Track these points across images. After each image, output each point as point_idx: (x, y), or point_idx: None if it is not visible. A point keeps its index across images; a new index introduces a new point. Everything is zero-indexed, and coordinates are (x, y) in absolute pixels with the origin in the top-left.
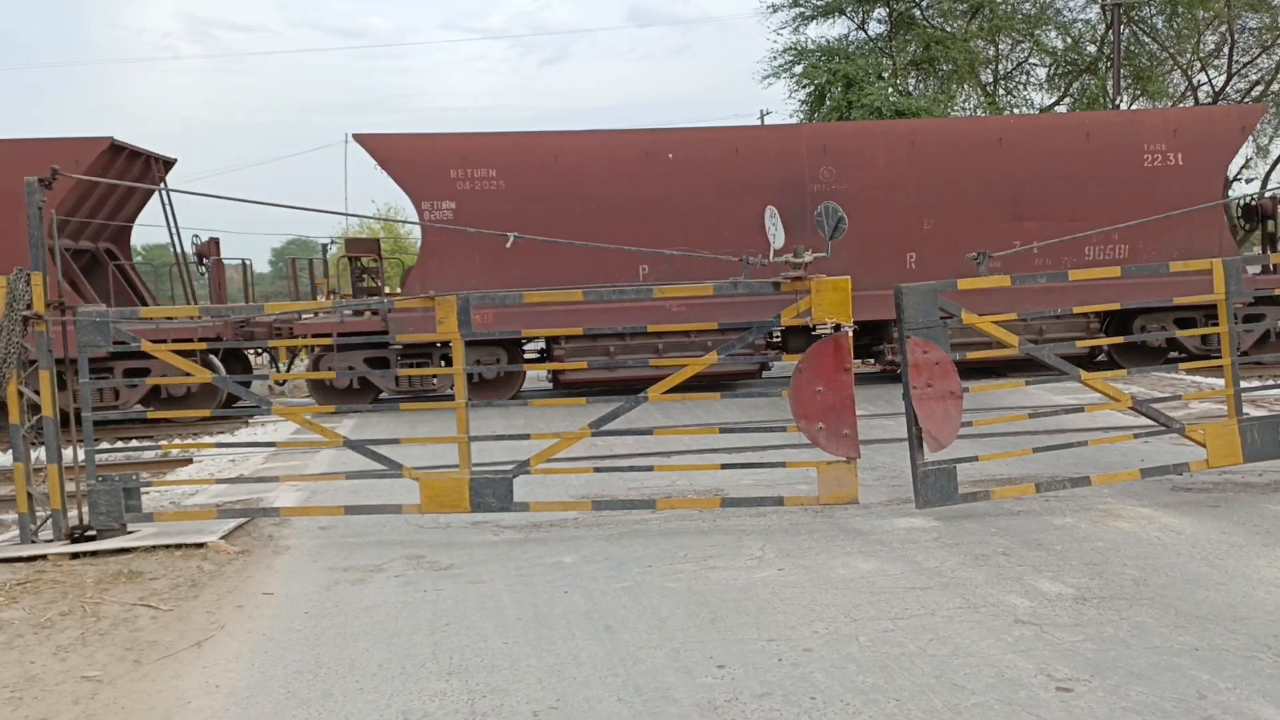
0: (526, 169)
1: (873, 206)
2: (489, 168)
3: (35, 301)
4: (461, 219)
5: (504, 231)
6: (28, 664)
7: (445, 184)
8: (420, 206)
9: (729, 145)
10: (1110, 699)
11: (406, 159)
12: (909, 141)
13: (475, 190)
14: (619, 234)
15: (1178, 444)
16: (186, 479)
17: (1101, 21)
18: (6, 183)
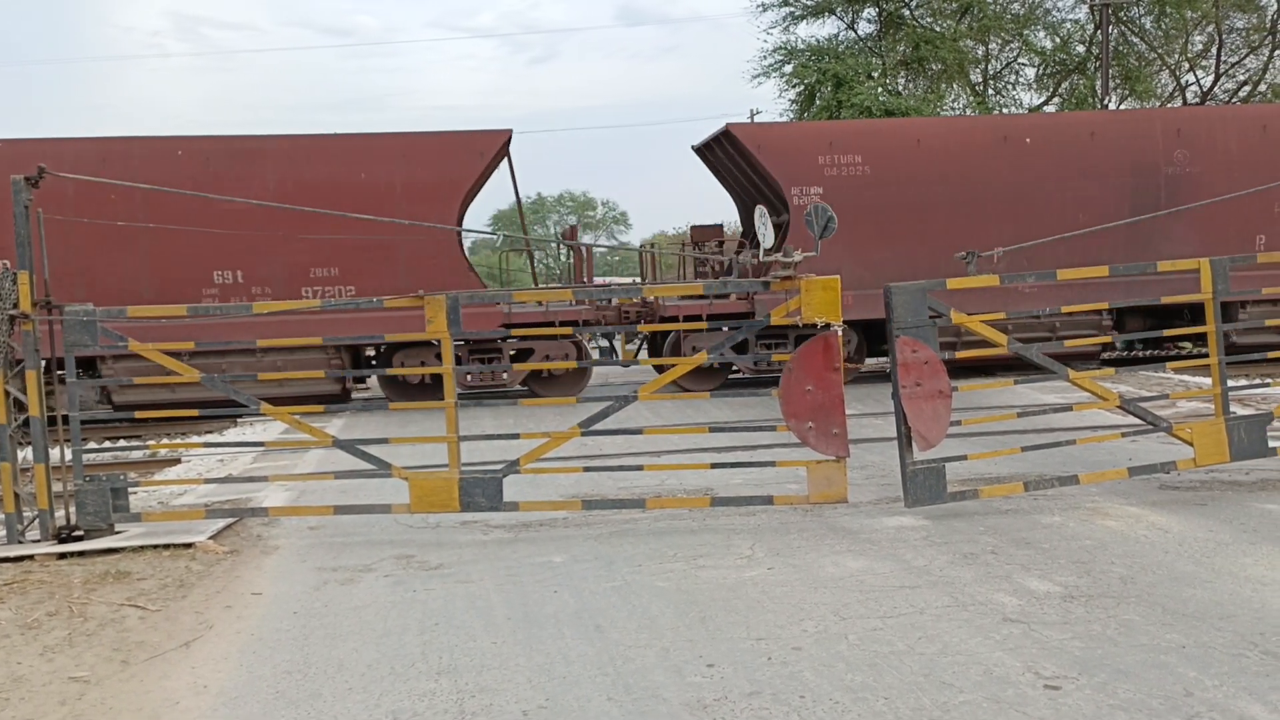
0: (890, 155)
1: (1226, 190)
2: (855, 154)
3: (22, 301)
4: (829, 203)
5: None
6: (14, 665)
7: (814, 170)
8: (790, 191)
9: (1085, 129)
10: (1098, 696)
11: (779, 147)
12: (1260, 126)
13: (842, 176)
14: (977, 217)
15: (1165, 443)
16: (175, 479)
17: (1090, 21)
18: (424, 173)
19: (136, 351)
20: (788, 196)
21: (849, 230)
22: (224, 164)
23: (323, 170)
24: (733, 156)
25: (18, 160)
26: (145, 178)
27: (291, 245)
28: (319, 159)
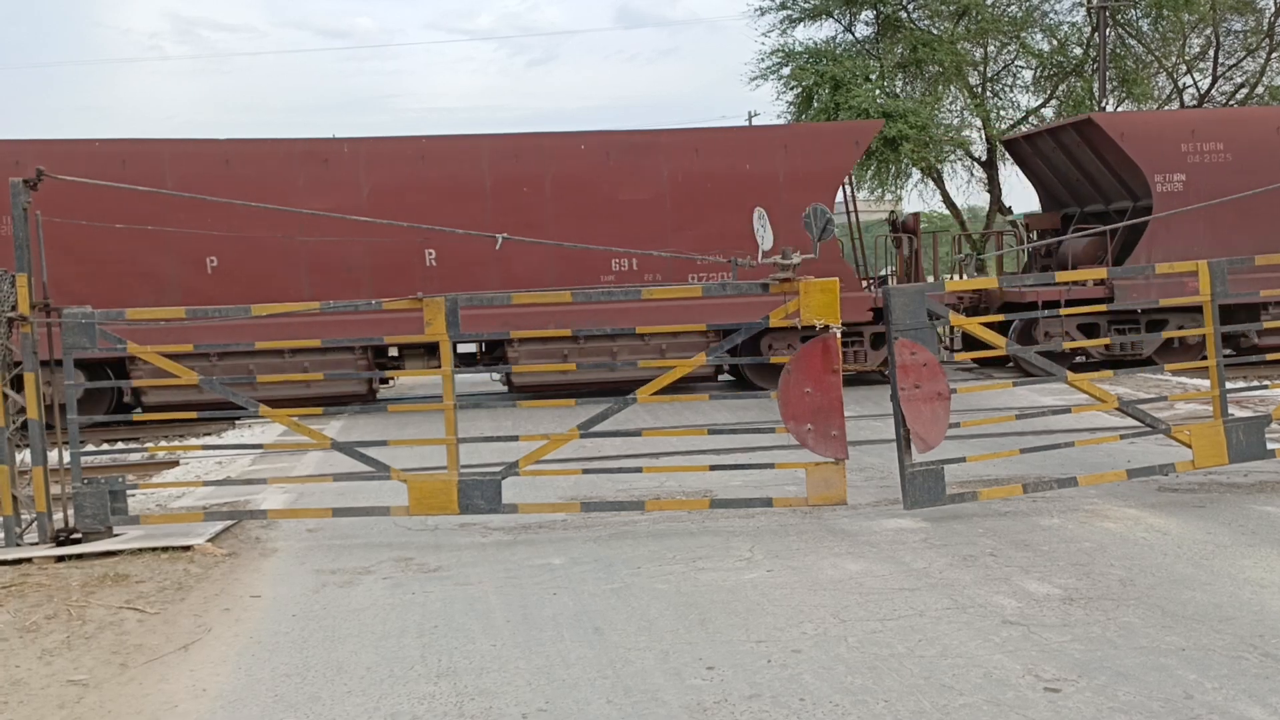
0: (1252, 143)
1: None
2: (1217, 141)
3: (20, 303)
4: (1191, 190)
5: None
6: (12, 668)
7: (1177, 157)
8: (1154, 179)
9: None
10: (1097, 699)
11: (1143, 134)
12: None
13: (1204, 163)
14: None
15: (1164, 445)
16: (173, 481)
17: (1087, 24)
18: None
19: (135, 354)
20: (1151, 183)
21: (1211, 216)
22: (623, 156)
23: (710, 162)
24: (1068, 147)
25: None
26: (557, 170)
27: (681, 234)
28: (707, 151)
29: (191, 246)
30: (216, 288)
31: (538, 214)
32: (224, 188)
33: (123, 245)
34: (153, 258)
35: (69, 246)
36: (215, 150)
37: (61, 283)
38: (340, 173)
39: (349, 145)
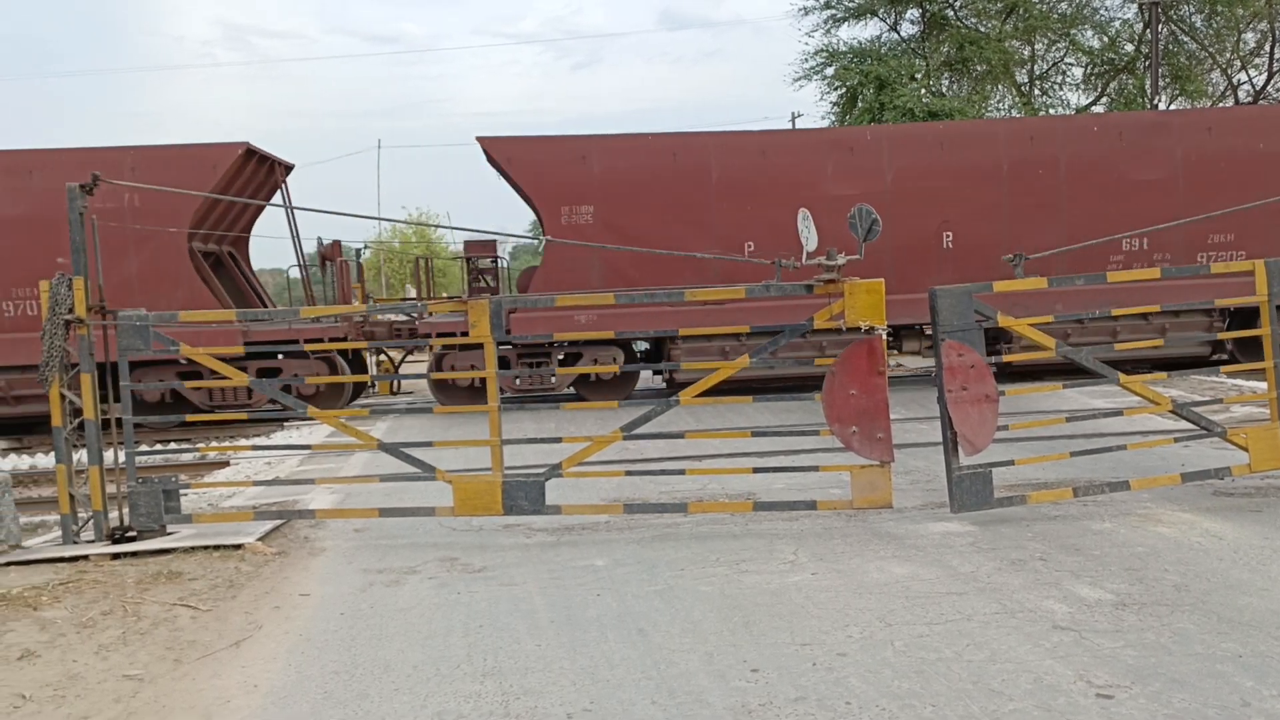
0: None
1: None
2: None
3: (77, 306)
4: None
5: None
6: (70, 662)
7: None
8: None
9: None
10: (1152, 706)
11: None
12: None
13: None
14: None
15: (1219, 448)
16: (224, 481)
17: (1139, 20)
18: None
19: (188, 356)
20: None
21: None
22: (1135, 137)
23: (1224, 142)
24: None
25: None
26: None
27: (1193, 215)
28: (1220, 131)
29: (731, 233)
30: None
31: (1052, 195)
32: (761, 176)
33: (669, 234)
34: (696, 244)
35: (622, 231)
36: (753, 141)
37: (619, 268)
38: (865, 160)
39: (871, 133)
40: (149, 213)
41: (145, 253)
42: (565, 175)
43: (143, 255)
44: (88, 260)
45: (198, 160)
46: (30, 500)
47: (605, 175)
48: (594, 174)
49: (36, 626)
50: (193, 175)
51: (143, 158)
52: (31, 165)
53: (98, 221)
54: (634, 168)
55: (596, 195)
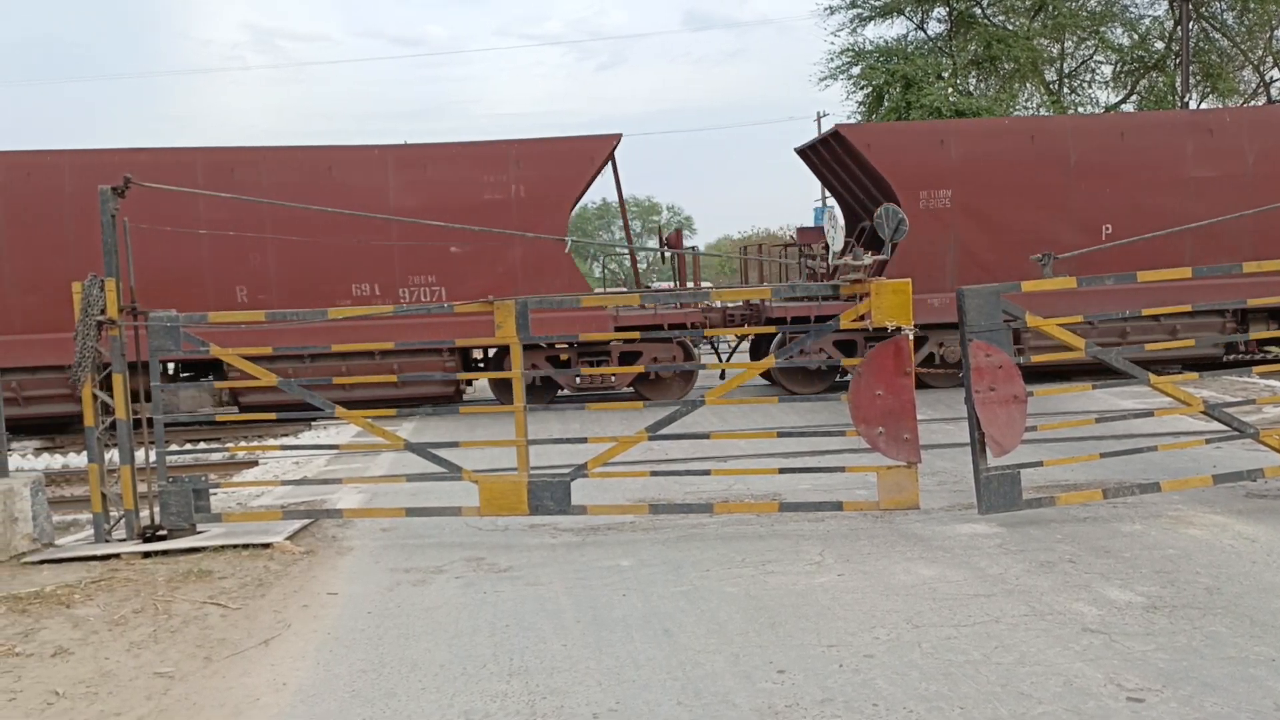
0: None
1: None
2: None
3: (109, 307)
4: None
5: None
6: (103, 660)
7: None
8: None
9: None
10: (1183, 710)
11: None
12: None
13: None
14: None
15: (1251, 449)
16: (252, 480)
17: (1169, 17)
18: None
19: (217, 356)
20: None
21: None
22: None
23: None
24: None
25: None
26: None
27: None
28: None
29: (1089, 216)
30: None
31: None
32: (1118, 159)
33: (1026, 218)
34: (1053, 227)
35: (980, 215)
36: (1110, 124)
37: (975, 253)
38: (1225, 142)
39: (1231, 115)
40: (534, 202)
41: (529, 242)
42: (923, 160)
43: (526, 244)
44: (119, 261)
45: (577, 152)
46: (63, 499)
47: (963, 160)
48: (951, 159)
49: (69, 624)
50: (572, 167)
51: (525, 151)
52: (425, 159)
53: None
54: (991, 152)
55: (954, 179)
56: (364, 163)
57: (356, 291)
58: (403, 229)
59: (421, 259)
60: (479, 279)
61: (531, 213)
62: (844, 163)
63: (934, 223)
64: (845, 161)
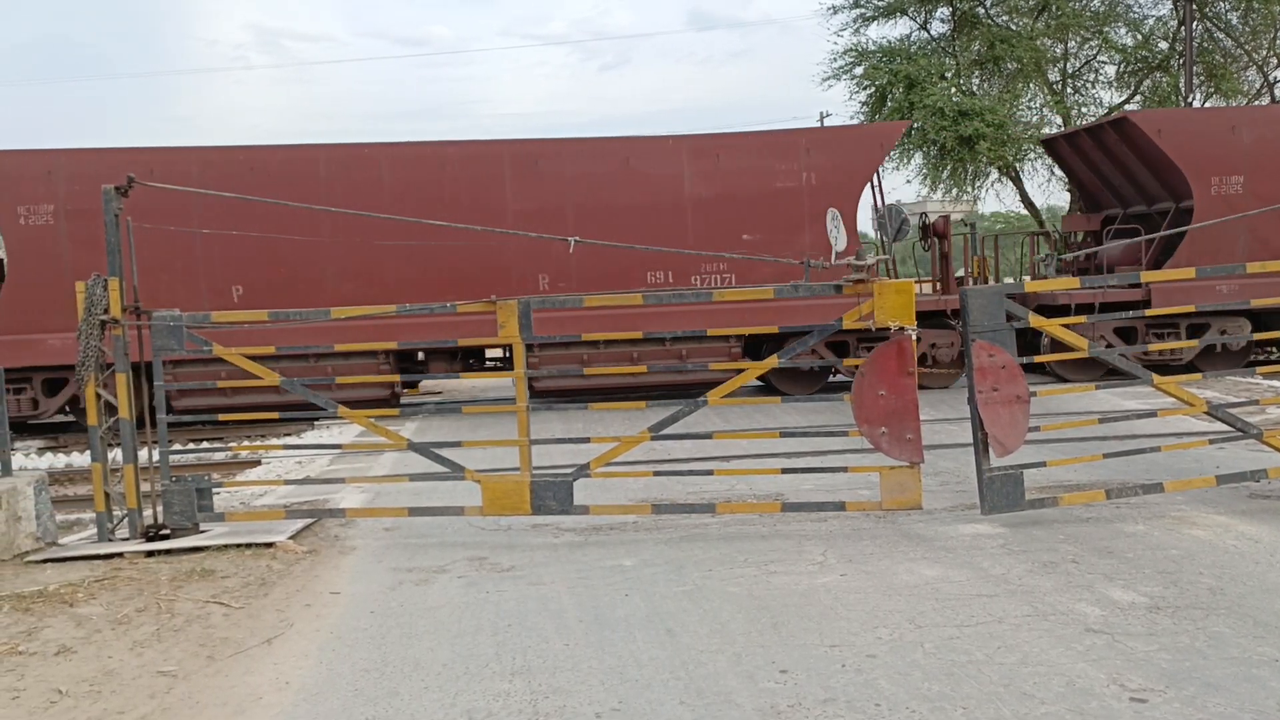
0: None
1: None
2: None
3: (112, 306)
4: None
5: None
6: (106, 658)
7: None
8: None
9: None
10: (1186, 710)
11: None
12: None
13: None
14: None
15: (1255, 450)
16: (255, 480)
17: (1173, 17)
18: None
19: (220, 355)
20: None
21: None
22: None
23: None
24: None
25: None
26: None
27: None
28: None
29: None
30: None
31: None
32: None
33: None
34: None
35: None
36: None
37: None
38: None
39: None
40: (825, 189)
41: (818, 228)
42: (1216, 146)
43: (815, 231)
44: (122, 261)
45: (869, 138)
46: (66, 498)
47: (1255, 146)
48: (1244, 144)
49: (72, 623)
50: (863, 153)
51: (816, 139)
52: (718, 148)
53: None
54: None
55: (1246, 165)
56: (660, 152)
57: (651, 279)
58: (697, 216)
59: (713, 247)
60: (768, 266)
61: (823, 199)
62: (1113, 151)
63: (1226, 209)
64: (1117, 150)
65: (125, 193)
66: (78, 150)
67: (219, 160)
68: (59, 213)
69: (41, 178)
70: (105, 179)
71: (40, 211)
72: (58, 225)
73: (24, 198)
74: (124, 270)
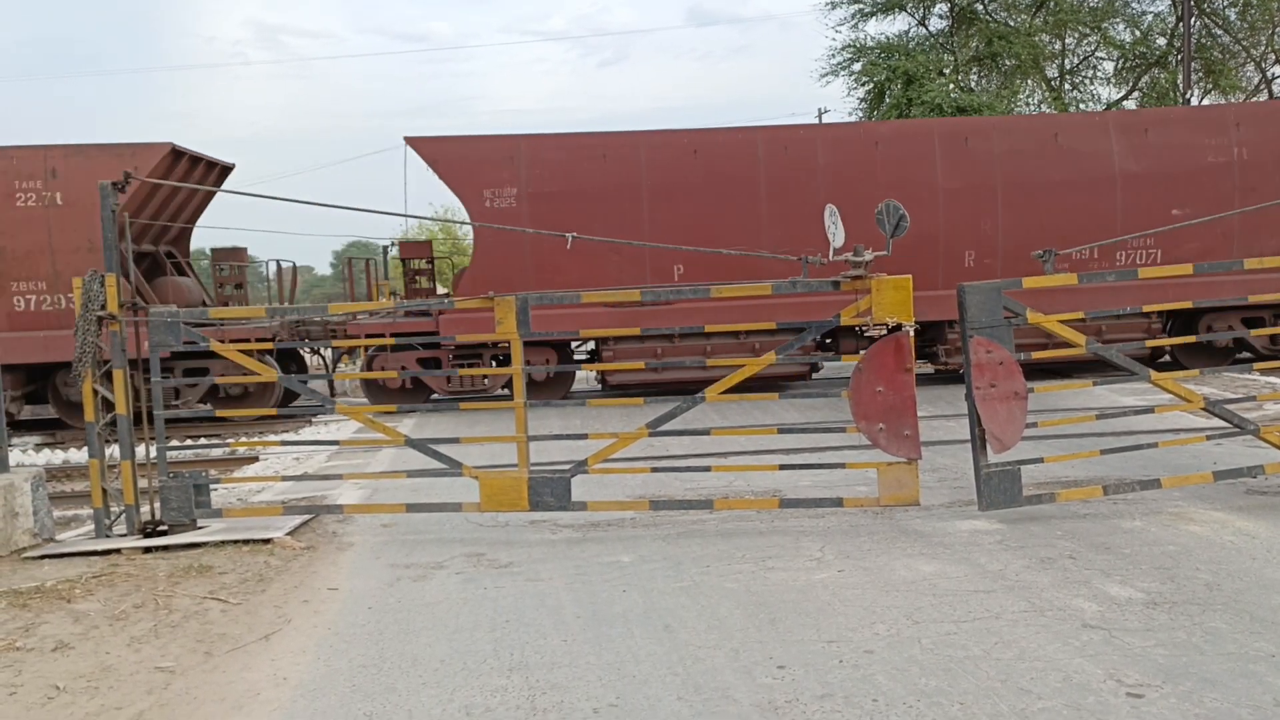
0: None
1: None
2: None
3: (109, 302)
4: None
5: (563, 232)
6: (103, 654)
7: None
8: None
9: None
10: (1183, 705)
11: None
12: None
13: None
14: None
15: (1252, 446)
16: (253, 476)
17: (1171, 14)
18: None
19: (216, 350)
20: None
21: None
22: None
23: None
24: None
25: None
26: None
27: None
28: None
29: None
30: None
31: None
32: None
33: None
34: None
35: None
36: None
37: None
38: None
39: None
40: (1256, 165)
41: (1249, 199)
42: None
43: (1248, 202)
44: (119, 256)
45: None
46: (63, 494)
47: None
48: None
49: (70, 619)
50: None
51: (1245, 113)
52: (1145, 124)
53: None
54: None
55: None
56: (1088, 129)
57: (1076, 255)
58: (1126, 192)
59: (1141, 223)
60: (1196, 240)
61: (1253, 176)
62: None
63: None
64: None
65: (122, 189)
66: (539, 136)
67: (661, 143)
68: (521, 195)
69: (505, 163)
70: (564, 163)
71: (504, 195)
72: (520, 208)
73: (489, 182)
74: (121, 266)
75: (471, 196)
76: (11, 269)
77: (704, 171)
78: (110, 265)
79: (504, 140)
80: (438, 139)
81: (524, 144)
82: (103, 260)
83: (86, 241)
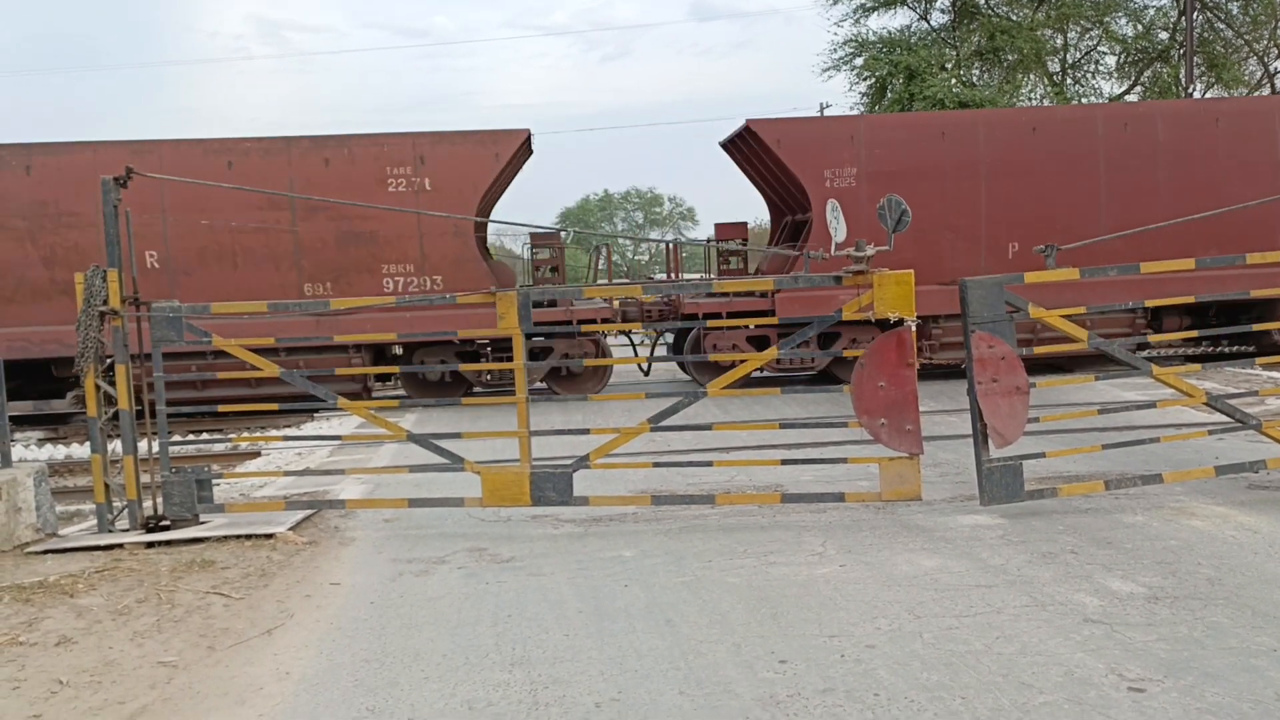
0: None
1: None
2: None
3: (111, 298)
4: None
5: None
6: (106, 649)
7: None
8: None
9: None
10: (1185, 700)
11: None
12: None
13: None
14: None
15: (1254, 440)
16: (255, 471)
17: (1174, 8)
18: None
19: (220, 347)
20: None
21: None
22: None
23: None
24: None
25: None
26: None
27: None
28: None
29: None
30: None
31: None
32: None
33: None
34: None
35: None
36: None
37: None
38: None
39: None
40: None
41: None
42: None
43: None
44: (121, 251)
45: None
46: (66, 490)
47: None
48: None
49: (73, 613)
50: None
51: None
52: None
53: None
54: None
55: None
56: None
57: None
58: None
59: None
60: None
61: None
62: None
63: None
64: None
65: (124, 184)
66: (879, 116)
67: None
68: (861, 175)
69: (845, 143)
70: (903, 143)
71: (844, 174)
72: (859, 187)
73: (830, 162)
74: (122, 260)
75: (813, 176)
76: (383, 252)
77: (1042, 150)
78: (112, 260)
79: (845, 121)
80: (781, 120)
81: (864, 124)
82: (465, 244)
83: (452, 226)
